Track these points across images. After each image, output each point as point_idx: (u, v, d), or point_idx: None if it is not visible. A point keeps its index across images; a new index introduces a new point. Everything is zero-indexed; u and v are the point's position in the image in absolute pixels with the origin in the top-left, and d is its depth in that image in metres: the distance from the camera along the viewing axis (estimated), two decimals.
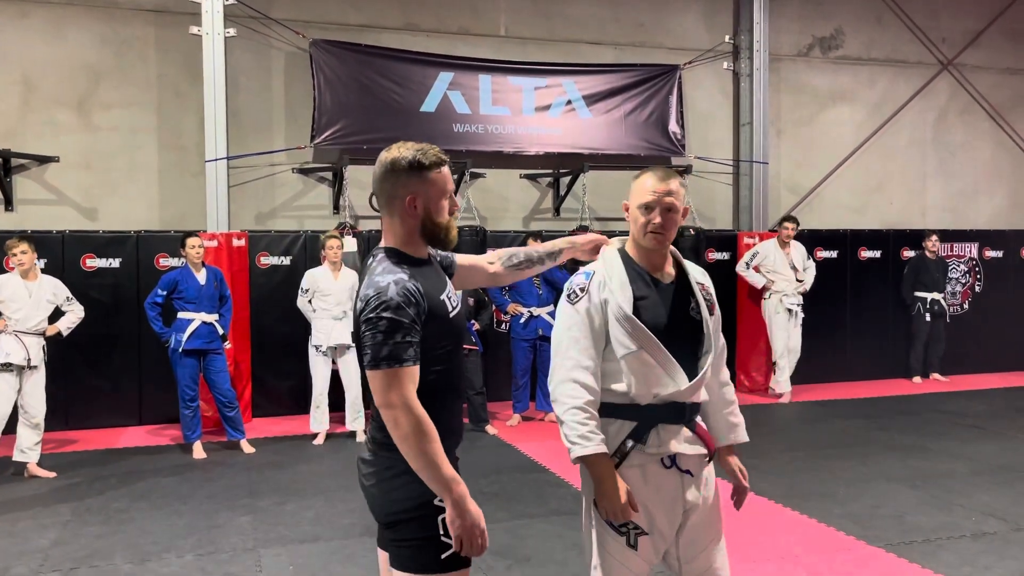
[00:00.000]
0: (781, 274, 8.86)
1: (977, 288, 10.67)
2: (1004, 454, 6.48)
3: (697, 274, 2.60)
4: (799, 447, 6.79)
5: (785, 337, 8.84)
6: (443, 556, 2.12)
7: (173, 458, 6.66)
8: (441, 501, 2.10)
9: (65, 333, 6.43)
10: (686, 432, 2.48)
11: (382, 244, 2.29)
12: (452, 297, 2.28)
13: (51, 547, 4.63)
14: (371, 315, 2.07)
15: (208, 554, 4.51)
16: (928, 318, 9.84)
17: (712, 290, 2.62)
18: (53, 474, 6.11)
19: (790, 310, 8.82)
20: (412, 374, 2.07)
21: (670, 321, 2.46)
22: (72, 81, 8.08)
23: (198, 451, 6.69)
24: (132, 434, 7.54)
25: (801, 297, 8.90)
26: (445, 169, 2.25)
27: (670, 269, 2.54)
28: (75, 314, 6.48)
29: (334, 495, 5.52)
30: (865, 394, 9.17)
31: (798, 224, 9.02)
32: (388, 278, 2.12)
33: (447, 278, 2.38)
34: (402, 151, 2.21)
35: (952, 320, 10.25)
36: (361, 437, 7.02)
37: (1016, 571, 4.14)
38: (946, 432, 7.27)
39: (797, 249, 9.01)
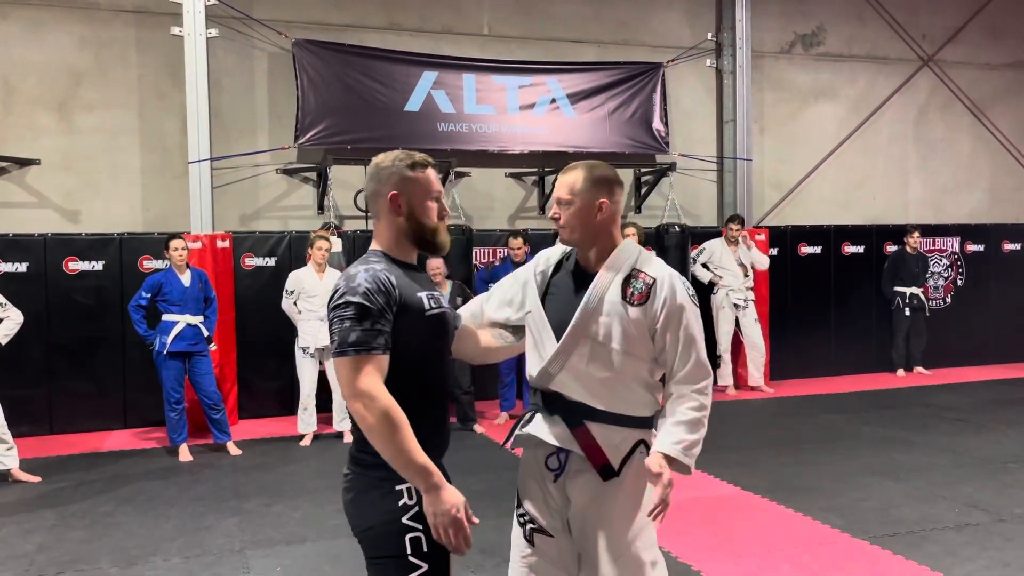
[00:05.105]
0: (728, 270, 8.95)
1: (959, 282, 10.77)
2: (987, 446, 6.54)
3: (640, 267, 2.42)
4: (784, 441, 6.83)
5: (730, 331, 8.96)
6: None
7: (159, 461, 6.62)
8: (410, 519, 2.06)
9: (4, 342, 6.00)
10: (560, 426, 2.41)
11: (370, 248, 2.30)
12: (434, 299, 2.23)
13: (36, 552, 4.60)
14: (339, 301, 2.07)
15: (195, 556, 4.50)
16: (907, 312, 9.92)
17: (655, 287, 2.38)
18: (38, 478, 6.06)
19: (736, 305, 8.91)
20: (381, 363, 2.04)
21: (567, 307, 2.42)
22: (52, 83, 8.02)
23: (184, 454, 6.66)
24: (117, 437, 7.49)
25: (750, 292, 8.98)
26: (430, 171, 2.26)
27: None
28: (12, 320, 6.02)
29: (321, 496, 5.51)
30: (849, 388, 9.24)
31: (743, 224, 9.08)
32: (360, 267, 2.13)
33: (435, 285, 2.36)
34: (387, 155, 2.26)
35: (935, 314, 10.35)
36: (348, 439, 7.00)
37: (998, 561, 4.19)
38: (930, 425, 7.34)
39: (751, 248, 9.08)
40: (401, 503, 2.08)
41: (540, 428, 2.44)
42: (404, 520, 2.07)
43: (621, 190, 2.53)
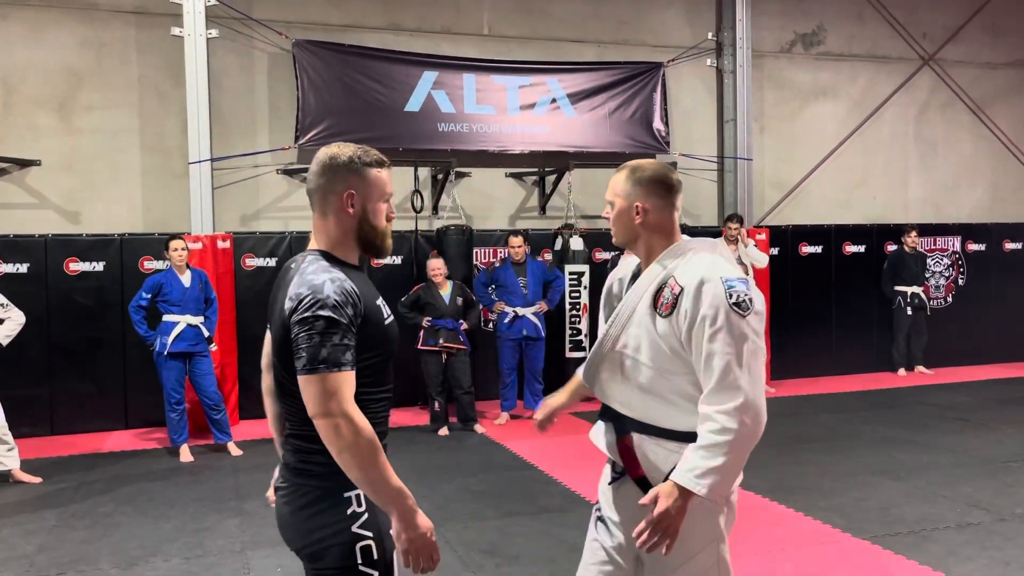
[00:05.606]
0: None
1: (960, 281, 10.76)
2: (988, 446, 6.54)
3: (676, 274, 2.23)
4: (784, 441, 6.82)
5: None
6: None
7: (160, 461, 6.63)
8: (361, 527, 2.01)
9: (5, 343, 6.00)
10: (611, 435, 2.36)
11: (310, 247, 2.15)
12: (387, 305, 2.19)
13: (36, 553, 4.61)
14: (306, 314, 1.93)
15: (196, 557, 4.50)
16: (908, 312, 9.92)
17: (681, 295, 2.19)
18: (38, 479, 6.06)
19: None
20: (350, 380, 1.94)
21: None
22: (53, 84, 8.02)
23: (185, 454, 6.67)
24: (118, 438, 7.49)
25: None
26: (385, 171, 2.14)
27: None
28: (14, 321, 6.00)
29: None
30: (850, 388, 9.23)
31: (742, 222, 8.97)
32: (323, 276, 1.99)
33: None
34: (342, 148, 2.13)
35: (936, 313, 10.35)
36: None
37: (999, 560, 4.19)
38: (931, 425, 7.33)
39: (748, 245, 9.05)
40: (351, 511, 2.02)
41: (597, 434, 2.43)
42: (354, 529, 2.01)
43: (670, 192, 2.31)
